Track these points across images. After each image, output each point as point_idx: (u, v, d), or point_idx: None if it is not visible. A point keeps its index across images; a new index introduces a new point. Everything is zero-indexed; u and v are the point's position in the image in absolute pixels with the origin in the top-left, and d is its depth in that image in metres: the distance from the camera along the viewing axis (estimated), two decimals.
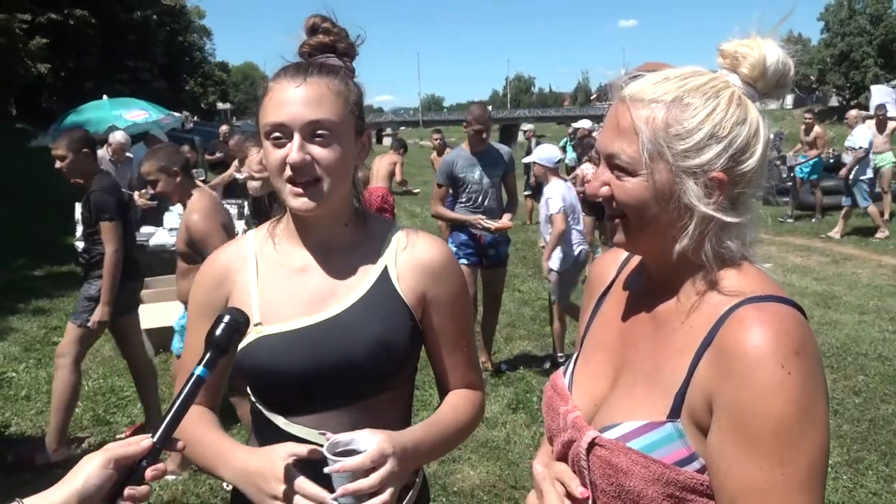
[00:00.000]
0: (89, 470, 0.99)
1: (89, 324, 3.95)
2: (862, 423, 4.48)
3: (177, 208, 8.32)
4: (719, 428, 0.95)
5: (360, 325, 1.32)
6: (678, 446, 1.00)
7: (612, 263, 1.32)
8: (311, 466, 1.19)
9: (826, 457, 0.93)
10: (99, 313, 3.94)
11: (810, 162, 11.91)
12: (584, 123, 12.78)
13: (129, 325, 4.29)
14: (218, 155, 12.83)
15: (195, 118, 23.21)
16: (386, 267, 1.39)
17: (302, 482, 1.17)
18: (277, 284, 1.38)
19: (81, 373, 4.17)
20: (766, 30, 1.07)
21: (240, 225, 8.06)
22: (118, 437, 4.40)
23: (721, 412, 0.95)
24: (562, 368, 1.31)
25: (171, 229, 7.74)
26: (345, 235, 1.40)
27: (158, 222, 8.16)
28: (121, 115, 10.31)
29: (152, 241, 7.53)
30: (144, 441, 1.03)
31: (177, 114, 12.49)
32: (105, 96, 11.29)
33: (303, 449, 1.20)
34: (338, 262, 1.38)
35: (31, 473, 3.84)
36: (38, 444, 4.07)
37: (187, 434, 1.37)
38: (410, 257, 1.40)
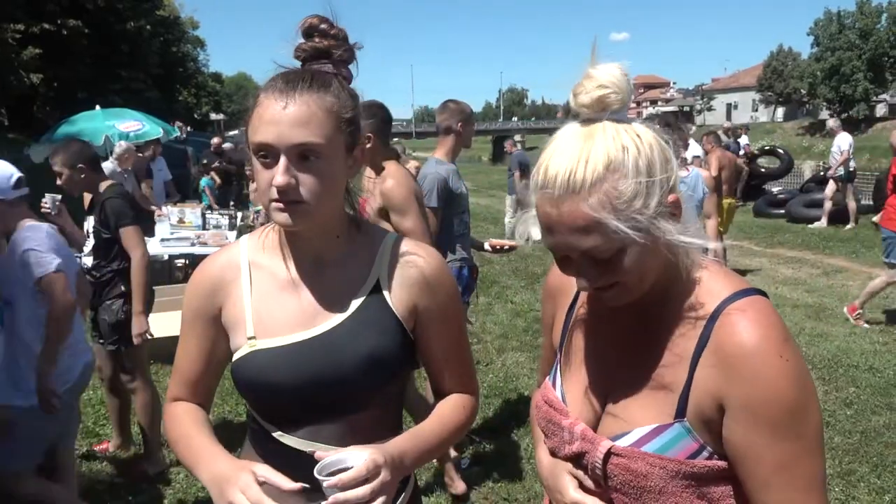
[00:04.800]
0: None
1: (135, 341, 3.84)
2: (853, 434, 4.49)
3: (169, 218, 8.34)
4: (738, 423, 1.05)
5: (351, 341, 1.32)
6: (688, 442, 1.09)
7: None
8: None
9: (821, 415, 1.08)
10: (137, 325, 3.81)
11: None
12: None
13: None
14: (216, 164, 12.87)
15: (188, 128, 23.15)
16: (378, 280, 1.38)
17: (257, 495, 1.16)
18: (271, 297, 1.37)
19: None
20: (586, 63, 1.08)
21: (231, 235, 8.06)
22: (97, 449, 4.40)
23: (737, 410, 1.05)
24: (547, 380, 1.32)
25: (163, 240, 7.73)
26: (337, 248, 1.39)
27: (150, 233, 8.14)
28: (114, 126, 10.28)
29: None
30: None
31: (174, 126, 12.45)
32: (98, 106, 11.27)
33: (279, 478, 1.20)
34: (330, 275, 1.37)
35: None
36: (145, 457, 4.18)
37: (178, 429, 1.41)
38: (401, 269, 1.39)
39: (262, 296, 1.37)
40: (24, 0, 21.65)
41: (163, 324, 5.84)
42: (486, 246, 4.36)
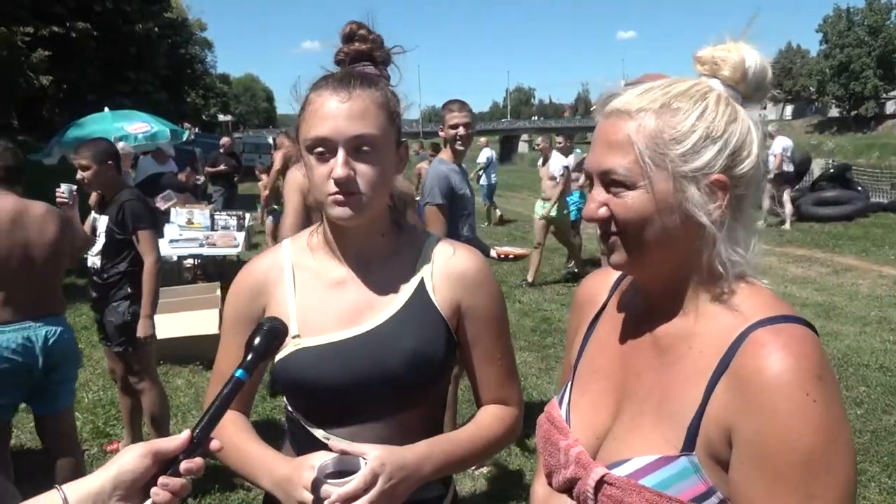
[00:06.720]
0: (125, 458, 1.01)
1: (140, 338, 3.86)
2: (864, 434, 4.47)
3: (178, 219, 8.37)
4: (741, 462, 0.91)
5: (398, 338, 1.32)
6: (695, 481, 0.95)
7: (603, 284, 1.26)
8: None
9: (854, 486, 0.89)
10: (143, 327, 3.84)
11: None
12: None
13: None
14: (222, 167, 12.93)
15: (196, 130, 23.29)
16: (422, 279, 1.38)
17: (327, 487, 1.18)
18: (315, 296, 1.38)
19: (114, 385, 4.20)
20: (738, 36, 1.05)
21: (240, 236, 8.08)
22: (107, 449, 4.42)
23: (743, 446, 0.90)
24: (556, 398, 1.24)
25: (171, 241, 7.76)
26: (382, 247, 1.40)
27: (159, 233, 8.17)
28: (123, 128, 10.32)
29: None
30: (183, 434, 1.04)
31: (182, 128, 12.51)
32: (107, 108, 11.32)
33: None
34: (375, 274, 1.38)
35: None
36: None
37: (229, 440, 1.39)
38: (446, 268, 1.39)
39: (307, 294, 1.38)
40: (33, 3, 21.78)
41: (170, 325, 5.88)
42: (493, 254, 4.27)
